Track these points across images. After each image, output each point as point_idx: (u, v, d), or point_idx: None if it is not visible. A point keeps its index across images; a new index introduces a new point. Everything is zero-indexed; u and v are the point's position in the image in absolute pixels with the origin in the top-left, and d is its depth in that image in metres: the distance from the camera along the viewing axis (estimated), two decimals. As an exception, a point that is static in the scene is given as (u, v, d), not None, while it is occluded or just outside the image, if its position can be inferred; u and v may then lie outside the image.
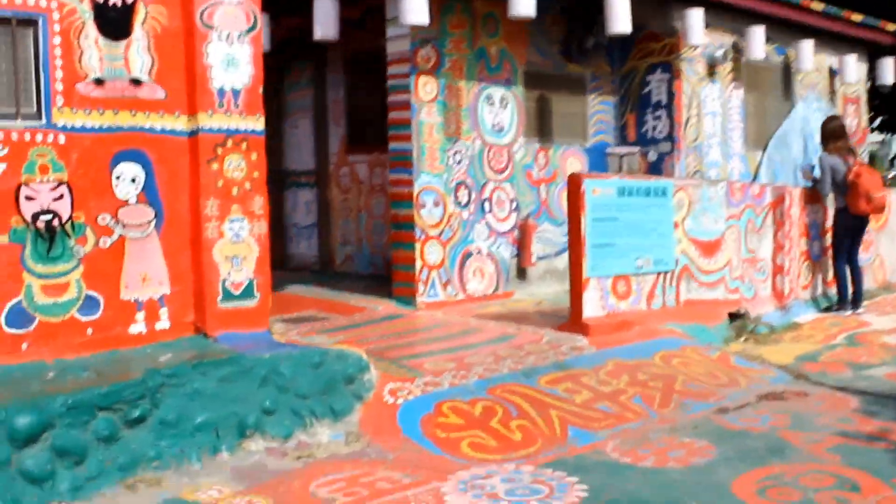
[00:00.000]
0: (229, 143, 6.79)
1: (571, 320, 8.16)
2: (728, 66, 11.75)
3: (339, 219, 11.89)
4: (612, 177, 8.33)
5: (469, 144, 9.85)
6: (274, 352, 6.44)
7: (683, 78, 11.05)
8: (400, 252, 9.64)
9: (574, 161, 11.00)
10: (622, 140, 11.48)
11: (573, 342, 7.81)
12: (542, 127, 10.74)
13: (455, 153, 9.72)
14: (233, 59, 6.80)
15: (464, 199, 9.79)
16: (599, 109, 11.35)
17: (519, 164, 10.37)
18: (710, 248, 9.05)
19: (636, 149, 11.25)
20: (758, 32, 11.42)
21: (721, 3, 11.03)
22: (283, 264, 12.48)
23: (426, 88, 9.48)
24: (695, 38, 10.50)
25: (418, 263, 9.43)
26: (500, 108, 10.17)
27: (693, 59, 11.21)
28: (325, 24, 9.64)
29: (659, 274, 8.60)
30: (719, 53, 11.29)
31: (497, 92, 10.15)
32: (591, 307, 8.09)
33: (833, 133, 9.93)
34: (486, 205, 9.99)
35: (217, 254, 6.77)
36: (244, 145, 6.87)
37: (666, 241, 8.65)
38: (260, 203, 6.98)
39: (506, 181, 10.19)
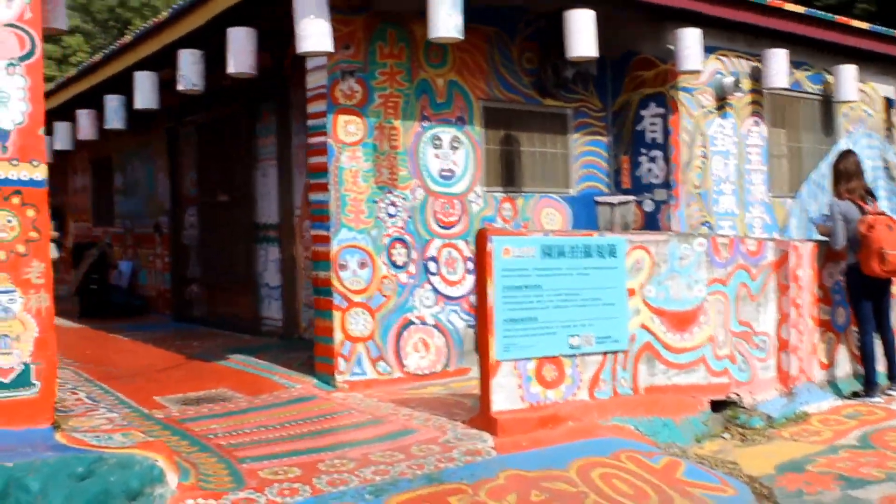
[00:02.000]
0: (-7, 196, 5.35)
1: (479, 414, 6.44)
2: (744, 96, 9.83)
3: (304, 279, 10.38)
4: (533, 234, 6.56)
5: (407, 194, 8.25)
6: (23, 458, 4.95)
7: (682, 111, 9.20)
8: (320, 322, 8.11)
9: (552, 212, 9.26)
10: (617, 187, 9.69)
11: (475, 443, 6.09)
12: (507, 173, 9.06)
13: (389, 205, 8.14)
14: (0, 93, 5.38)
15: (400, 259, 8.18)
16: (587, 151, 9.60)
17: (476, 216, 8.69)
18: (682, 321, 7.18)
19: (631, 197, 9.45)
20: (778, 57, 9.49)
21: (726, 22, 9.18)
22: (256, 329, 11.08)
23: (348, 129, 7.94)
24: (689, 63, 8.67)
25: (338, 336, 7.86)
26: (449, 151, 8.54)
27: (695, 88, 9.35)
28: (239, 56, 8.23)
29: (606, 355, 6.79)
30: (728, 81, 9.39)
31: (446, 132, 8.53)
32: (505, 398, 6.35)
33: (846, 173, 7.92)
34: (432, 265, 8.35)
35: (-26, 335, 5.32)
36: (16, 199, 5.42)
37: (616, 313, 6.84)
38: (40, 270, 5.51)
39: (458, 237, 8.52)
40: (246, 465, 5.67)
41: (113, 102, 11.62)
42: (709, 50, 9.30)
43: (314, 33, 7.22)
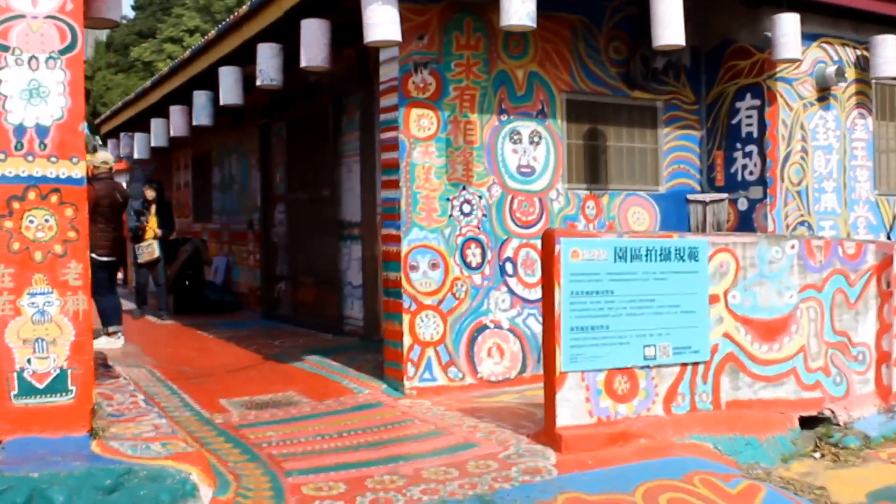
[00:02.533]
0: (31, 194, 5.15)
1: (543, 429, 6.01)
2: (849, 87, 9.12)
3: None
4: (606, 235, 6.08)
5: (483, 192, 7.85)
6: (51, 469, 4.75)
7: (780, 103, 8.56)
8: (389, 325, 7.78)
9: (639, 211, 8.74)
10: (710, 184, 9.09)
11: (536, 461, 5.66)
12: (592, 169, 8.57)
13: (463, 203, 7.75)
14: (39, 87, 5.17)
15: (475, 260, 7.79)
16: (678, 146, 9.04)
17: (557, 215, 8.24)
18: (771, 330, 6.60)
19: (724, 195, 8.85)
20: (888, 44, 8.76)
21: (830, 6, 8.51)
22: (339, 329, 10.83)
23: (421, 123, 7.58)
24: (788, 51, 8.04)
25: (407, 340, 7.52)
26: (529, 147, 8.10)
27: (795, 79, 8.70)
28: (311, 48, 7.95)
29: (684, 366, 6.27)
30: (831, 71, 8.71)
31: (525, 126, 8.10)
32: (571, 412, 5.89)
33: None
34: (509, 266, 7.93)
35: (10, 336, 5.12)
36: (54, 198, 5.22)
37: (696, 322, 6.31)
38: (77, 272, 5.30)
39: (537, 237, 8.06)
40: (291, 479, 5.38)
41: (200, 99, 11.51)
42: (810, 37, 8.65)
43: (381, 21, 6.88)
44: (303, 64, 8.01)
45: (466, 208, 7.77)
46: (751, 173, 8.63)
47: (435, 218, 7.64)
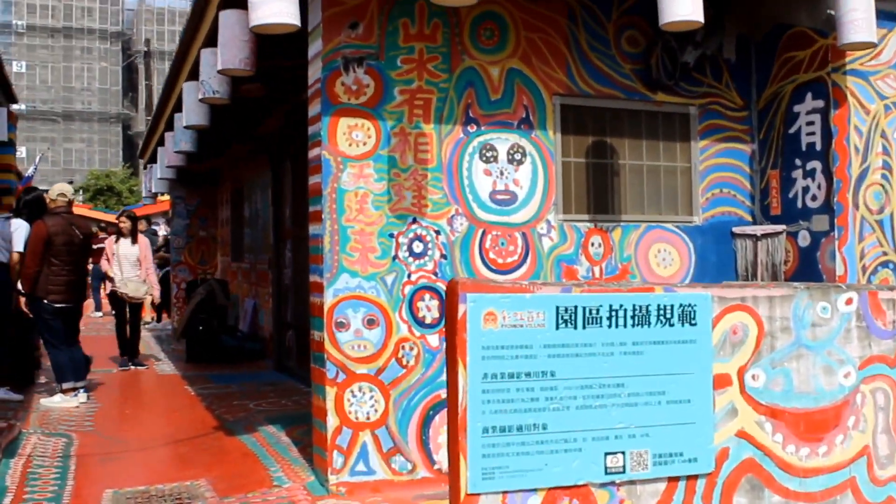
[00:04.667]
0: None
1: (447, 579, 3.94)
2: (950, 83, 6.75)
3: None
4: (543, 289, 3.98)
5: (442, 225, 5.85)
6: None
7: (851, 104, 6.28)
8: (315, 399, 5.83)
9: (666, 249, 6.58)
10: (763, 212, 6.86)
11: None
12: (598, 195, 6.47)
13: (413, 240, 5.78)
14: None
15: (430, 315, 5.80)
16: (720, 164, 6.84)
17: (548, 256, 6.16)
18: (814, 426, 4.38)
19: (780, 227, 6.61)
20: None
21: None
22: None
23: (353, 136, 5.65)
24: (858, 32, 5.76)
25: (331, 420, 5.58)
26: (507, 166, 6.07)
27: (873, 72, 6.41)
28: (230, 47, 6.13)
29: (674, 481, 4.12)
30: (923, 61, 6.40)
31: (502, 140, 6.07)
32: (485, 556, 3.82)
33: None
34: (479, 323, 5.86)
35: None
36: None
37: (692, 415, 4.16)
38: None
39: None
40: None
41: (181, 121, 9.78)
42: (891, 17, 6.38)
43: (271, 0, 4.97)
44: (219, 67, 6.17)
45: (418, 247, 5.78)
46: (813, 198, 6.37)
47: (372, 260, 5.67)
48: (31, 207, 9.42)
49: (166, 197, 17.31)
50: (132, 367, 11.43)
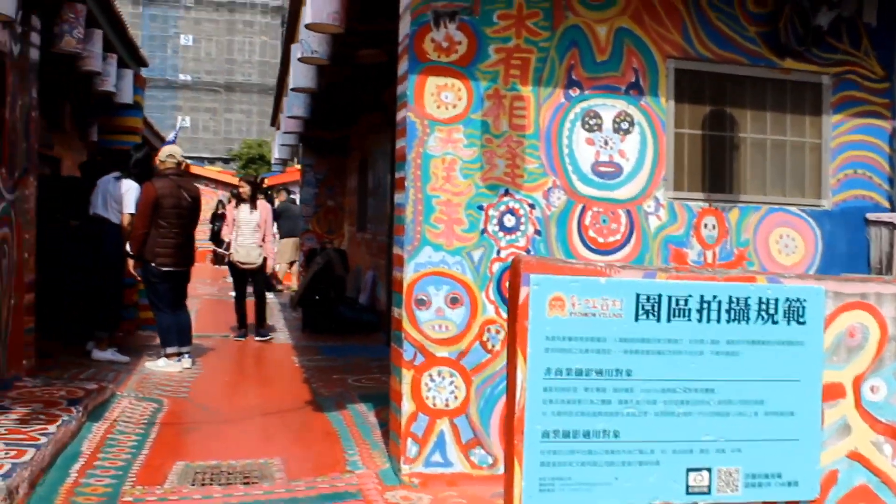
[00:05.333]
0: None
1: None
2: None
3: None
4: (622, 273, 3.38)
5: (537, 198, 5.28)
6: None
7: None
8: (392, 381, 5.36)
9: (790, 235, 5.83)
10: (905, 197, 6.03)
11: None
12: (715, 171, 5.76)
13: (505, 214, 5.23)
14: None
15: (520, 296, 5.20)
16: (856, 142, 6.02)
17: (655, 236, 5.51)
18: (952, 447, 3.68)
19: (923, 214, 5.78)
20: None
21: None
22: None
23: (442, 97, 5.13)
24: None
25: (407, 406, 5.09)
26: (613, 136, 5.44)
27: None
28: (316, 1, 5.70)
29: (771, 505, 3.49)
30: None
31: (608, 106, 5.44)
32: (541, 578, 3.28)
33: None
34: (574, 307, 5.27)
35: None
36: None
37: (794, 431, 3.50)
38: None
39: (622, 266, 5.38)
40: None
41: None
42: None
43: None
44: (307, 21, 5.74)
45: (509, 221, 5.23)
46: (964, 182, 5.53)
47: (459, 234, 5.15)
48: (141, 167, 9.24)
49: (298, 166, 17.17)
50: (257, 338, 10.99)
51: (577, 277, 3.29)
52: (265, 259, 11.13)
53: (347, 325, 12.05)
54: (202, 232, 25.81)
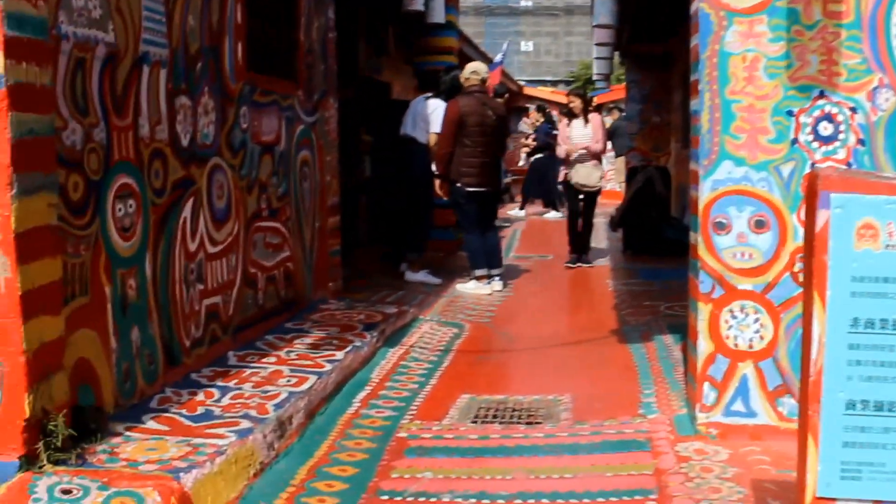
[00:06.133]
0: None
1: None
2: None
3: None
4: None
5: (860, 101, 4.28)
6: None
7: None
8: (689, 316, 4.65)
9: None
10: None
11: None
12: None
13: (820, 120, 4.29)
14: None
15: (841, 218, 4.28)
16: None
17: None
18: None
19: None
20: None
21: None
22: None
23: (742, -18, 4.25)
24: None
25: (703, 345, 4.40)
26: (965, 18, 4.28)
27: None
28: None
29: None
30: None
31: (960, -19, 4.28)
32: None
33: None
34: (911, 230, 4.28)
35: None
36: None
37: None
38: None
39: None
40: None
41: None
42: None
43: None
44: None
45: (826, 129, 4.28)
46: None
47: (764, 145, 4.28)
48: (448, 87, 8.92)
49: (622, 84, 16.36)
50: (580, 266, 10.17)
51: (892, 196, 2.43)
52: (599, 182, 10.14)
53: (670, 246, 11.21)
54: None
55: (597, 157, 9.98)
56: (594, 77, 14.94)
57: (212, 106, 5.20)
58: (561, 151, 10.22)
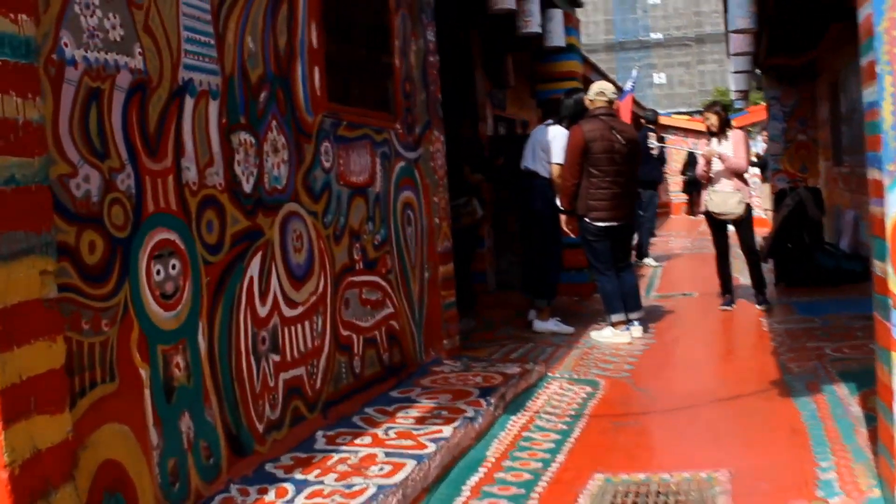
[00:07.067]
0: None
1: None
2: None
3: None
4: None
5: None
6: None
7: None
8: (878, 369, 3.53)
9: None
10: None
11: None
12: None
13: None
14: None
15: None
16: None
17: None
18: None
19: None
20: None
21: None
22: None
23: (927, -67, 3.19)
24: None
25: (905, 405, 3.25)
26: None
27: None
28: None
29: None
30: None
31: None
32: None
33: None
34: None
35: None
36: None
37: None
38: None
39: None
40: None
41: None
42: None
43: None
44: None
45: None
46: None
47: (972, 141, 3.18)
48: (571, 113, 7.97)
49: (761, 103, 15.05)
50: (758, 307, 8.54)
51: None
52: (748, 207, 8.57)
53: (827, 276, 9.91)
54: (674, 183, 24.23)
55: (739, 176, 8.61)
56: (732, 96, 13.78)
57: (282, 143, 4.40)
58: (699, 170, 8.96)
